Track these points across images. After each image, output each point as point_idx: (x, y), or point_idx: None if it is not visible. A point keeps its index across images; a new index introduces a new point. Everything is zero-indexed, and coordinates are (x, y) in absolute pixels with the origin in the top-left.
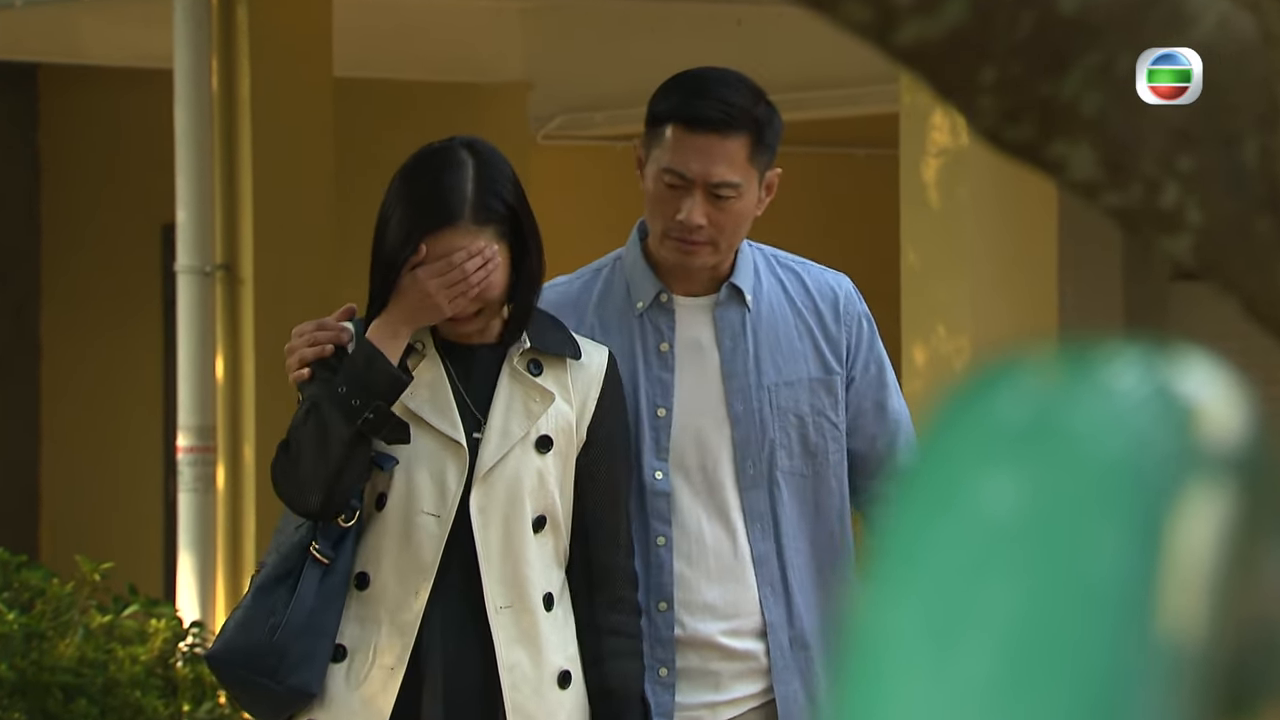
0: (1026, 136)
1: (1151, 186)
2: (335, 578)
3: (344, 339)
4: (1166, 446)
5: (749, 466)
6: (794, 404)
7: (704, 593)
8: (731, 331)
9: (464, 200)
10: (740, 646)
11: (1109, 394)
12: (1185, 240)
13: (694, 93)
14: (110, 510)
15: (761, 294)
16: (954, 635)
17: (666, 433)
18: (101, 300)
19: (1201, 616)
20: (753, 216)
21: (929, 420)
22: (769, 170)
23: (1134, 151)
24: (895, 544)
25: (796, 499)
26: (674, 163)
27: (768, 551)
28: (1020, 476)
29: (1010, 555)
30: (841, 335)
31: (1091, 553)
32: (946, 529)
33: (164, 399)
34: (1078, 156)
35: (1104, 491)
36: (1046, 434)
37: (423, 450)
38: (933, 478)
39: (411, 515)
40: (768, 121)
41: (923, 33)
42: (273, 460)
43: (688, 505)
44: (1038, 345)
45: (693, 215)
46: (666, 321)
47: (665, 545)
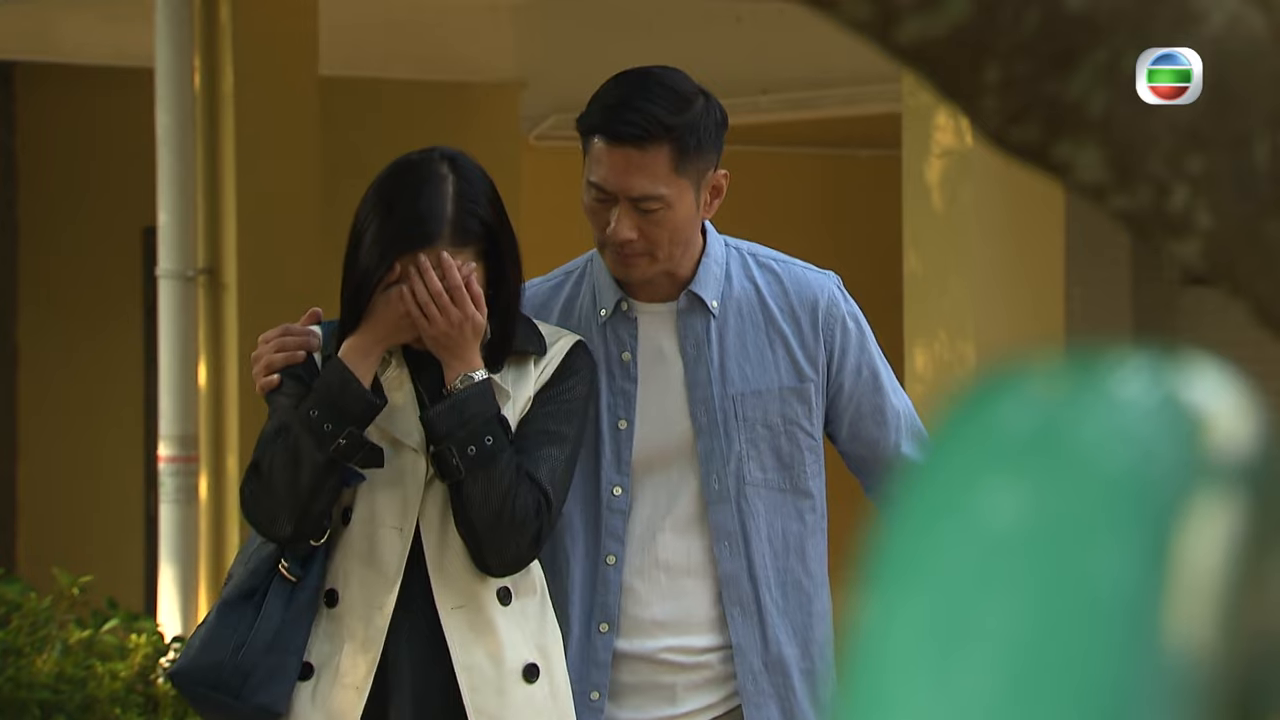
0: (1031, 137)
1: (1160, 189)
2: (304, 594)
3: (313, 345)
4: (1173, 457)
5: (714, 480)
6: (762, 414)
7: (653, 608)
8: (694, 339)
9: (442, 219)
10: (690, 660)
11: (1115, 403)
12: (1195, 244)
13: (612, 104)
14: (89, 522)
15: (730, 298)
16: (956, 648)
17: (629, 446)
18: (81, 306)
19: (1209, 631)
20: (695, 223)
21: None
22: (709, 173)
23: (1142, 153)
24: (897, 555)
25: (773, 514)
26: (595, 176)
27: (736, 570)
28: (1024, 487)
29: (1014, 568)
30: (819, 342)
31: (1097, 565)
32: (949, 540)
33: (145, 408)
34: (1084, 158)
35: (1109, 503)
36: (1051, 444)
37: (386, 467)
38: (935, 488)
39: (376, 530)
40: (693, 128)
41: (925, 30)
42: (241, 482)
43: (646, 519)
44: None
45: (619, 230)
46: (629, 330)
47: (615, 564)
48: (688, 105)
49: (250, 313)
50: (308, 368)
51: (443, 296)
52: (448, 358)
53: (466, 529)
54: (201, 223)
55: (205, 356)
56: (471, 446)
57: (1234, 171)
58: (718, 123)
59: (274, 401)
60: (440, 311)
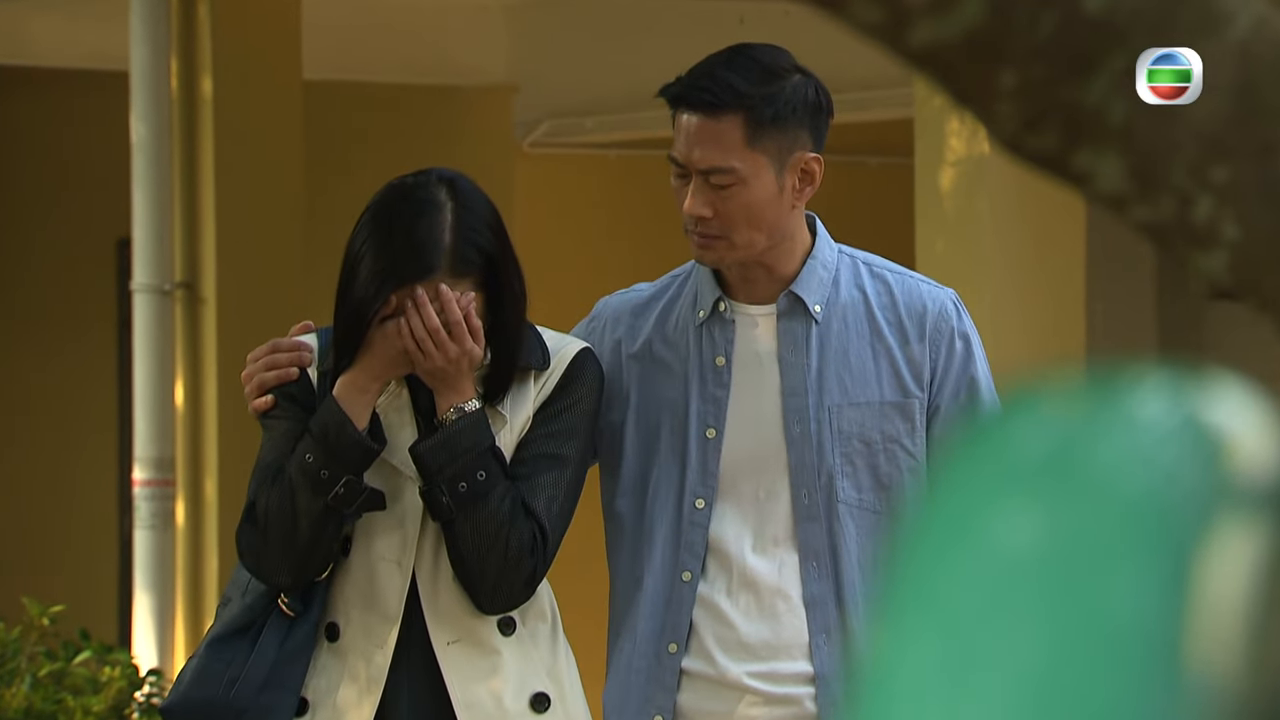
0: (1049, 145)
1: (1184, 199)
2: (302, 628)
3: (305, 360)
4: (1195, 480)
5: (804, 496)
6: (859, 428)
7: (740, 630)
8: (793, 344)
9: (440, 250)
10: (776, 691)
11: (1135, 424)
12: (1220, 257)
13: (693, 73)
14: (60, 549)
15: (836, 305)
16: (968, 678)
17: (716, 456)
18: (51, 322)
19: (1231, 661)
20: (777, 207)
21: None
22: (795, 154)
23: (1165, 162)
24: (908, 581)
25: (867, 537)
26: (673, 150)
27: (824, 593)
28: (1040, 512)
29: (1028, 595)
30: (925, 356)
31: (1114, 593)
32: (961, 566)
33: (119, 428)
34: (1104, 167)
35: (1128, 528)
36: (1068, 467)
37: (379, 488)
38: (948, 511)
39: (374, 562)
40: (771, 99)
41: (937, 34)
42: (238, 529)
43: (734, 536)
44: (1062, 370)
45: (692, 205)
46: (724, 333)
47: (690, 581)
48: (771, 78)
49: (230, 329)
50: (302, 385)
51: (440, 333)
52: (441, 389)
53: (458, 568)
54: (179, 234)
55: (182, 375)
56: (462, 483)
57: (1261, 180)
58: (811, 104)
59: (267, 425)
60: (437, 347)
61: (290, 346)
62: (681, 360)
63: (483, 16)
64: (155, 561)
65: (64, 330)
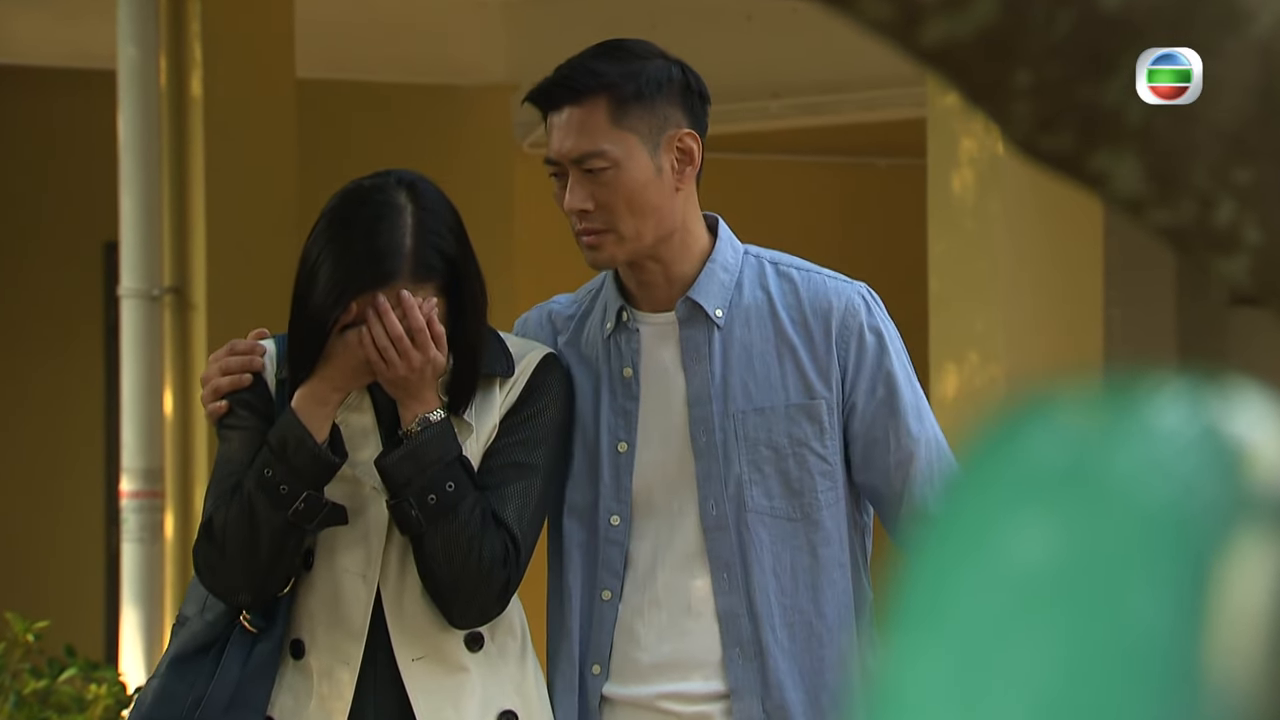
0: (1065, 146)
1: (1205, 202)
2: (266, 645)
3: (257, 364)
4: (1215, 492)
5: (711, 507)
6: (766, 434)
7: (652, 650)
8: (695, 352)
9: (401, 255)
10: (689, 710)
11: (1153, 434)
12: (1243, 261)
13: (554, 72)
14: (45, 562)
15: (739, 307)
16: (982, 695)
17: (629, 471)
18: (36, 328)
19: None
20: (659, 190)
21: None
22: (669, 132)
23: (1185, 163)
24: (920, 595)
25: (781, 545)
26: (547, 152)
27: (735, 605)
28: (1055, 524)
29: (1044, 609)
30: (833, 354)
31: (1131, 607)
32: (975, 580)
33: (105, 438)
34: (1122, 169)
35: (1146, 540)
36: (1085, 477)
37: (341, 499)
38: (960, 523)
39: (338, 575)
40: (632, 75)
41: (950, 31)
42: (194, 545)
43: (647, 552)
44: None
45: (571, 200)
46: (630, 344)
47: (611, 600)
48: (631, 58)
49: (220, 335)
50: (258, 392)
51: (403, 340)
52: (404, 398)
53: (429, 582)
54: (168, 237)
55: (171, 383)
56: (431, 495)
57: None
58: (678, 82)
59: (223, 435)
60: (401, 355)
61: (245, 349)
62: (593, 374)
63: (481, 14)
64: (143, 576)
65: (49, 337)
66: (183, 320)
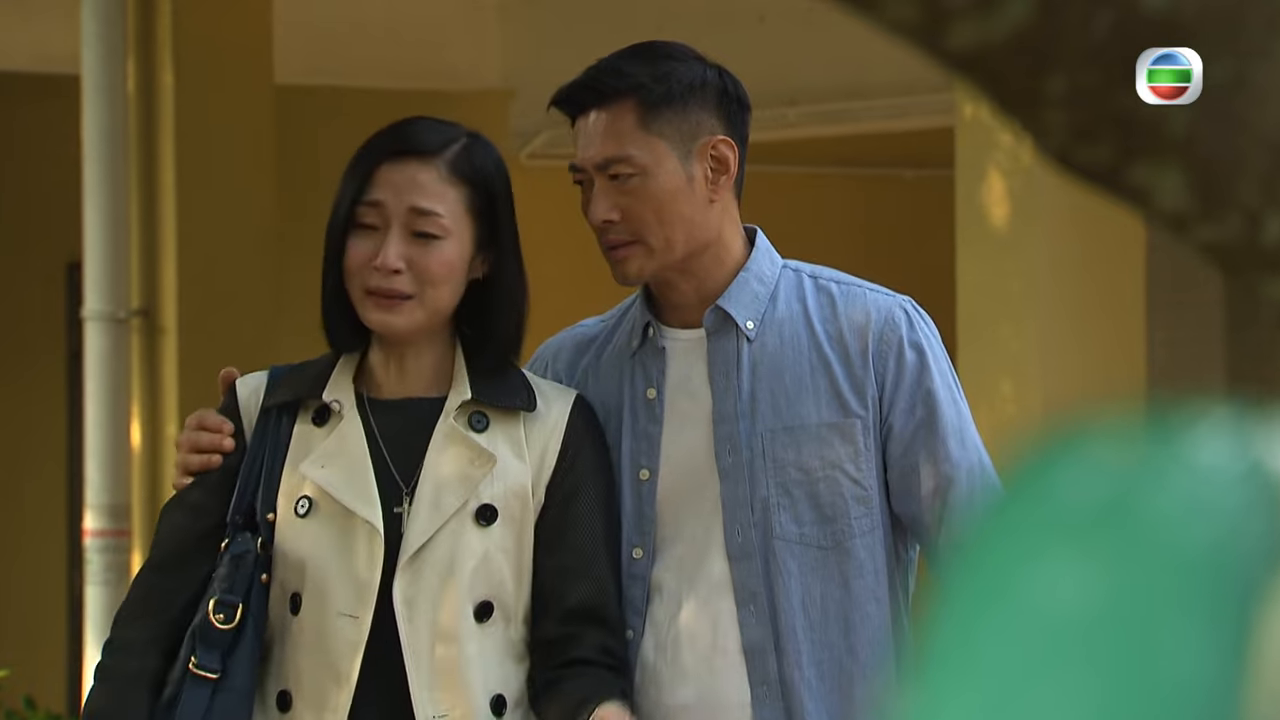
0: (1102, 158)
1: (1252, 218)
2: (230, 696)
3: (226, 446)
4: (1259, 533)
5: (736, 533)
6: (795, 455)
7: (677, 692)
8: (723, 366)
9: (441, 140)
10: None
11: (1195, 470)
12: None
13: (580, 74)
14: (3, 607)
15: (773, 321)
16: None
17: (651, 500)
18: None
19: None
20: (690, 199)
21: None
22: (700, 138)
23: (1231, 176)
24: (948, 638)
25: (811, 576)
26: (574, 157)
27: (762, 640)
28: (1091, 565)
29: (1078, 654)
30: (869, 370)
31: (1169, 654)
32: (1007, 622)
33: (68, 472)
34: (1164, 182)
35: (1185, 585)
36: (1122, 517)
37: (333, 535)
38: (991, 563)
39: (326, 618)
40: (663, 77)
41: (980, 35)
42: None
43: (671, 585)
44: (1118, 406)
45: (596, 210)
46: (656, 362)
47: (633, 640)
48: (662, 60)
49: (192, 361)
50: (236, 450)
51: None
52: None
53: None
54: (136, 256)
55: (139, 414)
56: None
57: None
58: (714, 86)
59: (173, 502)
60: None
61: (215, 426)
62: (615, 397)
63: (475, 15)
64: (108, 621)
65: (7, 364)
66: (151, 345)
